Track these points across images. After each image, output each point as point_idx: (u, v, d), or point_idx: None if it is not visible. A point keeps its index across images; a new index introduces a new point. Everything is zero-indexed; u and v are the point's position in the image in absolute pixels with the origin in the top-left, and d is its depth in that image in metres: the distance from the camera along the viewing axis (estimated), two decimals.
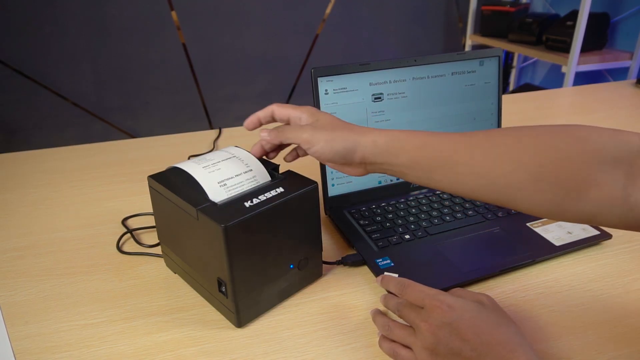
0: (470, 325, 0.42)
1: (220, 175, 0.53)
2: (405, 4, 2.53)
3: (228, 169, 0.55)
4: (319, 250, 0.59)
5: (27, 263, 0.66)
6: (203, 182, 0.52)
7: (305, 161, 0.82)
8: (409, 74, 0.72)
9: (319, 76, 0.68)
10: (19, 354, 0.50)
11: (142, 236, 0.71)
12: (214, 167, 0.54)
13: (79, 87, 2.20)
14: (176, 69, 2.28)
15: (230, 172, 0.54)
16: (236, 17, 2.27)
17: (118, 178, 0.90)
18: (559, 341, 0.50)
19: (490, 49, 0.78)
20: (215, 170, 0.54)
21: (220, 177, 0.53)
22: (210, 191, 0.52)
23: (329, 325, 0.53)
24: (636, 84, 1.41)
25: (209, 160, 0.56)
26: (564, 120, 1.17)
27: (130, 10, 2.12)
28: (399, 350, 0.46)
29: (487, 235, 0.65)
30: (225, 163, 0.55)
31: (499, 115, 0.80)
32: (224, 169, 0.54)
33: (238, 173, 0.55)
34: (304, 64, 2.47)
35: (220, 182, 0.53)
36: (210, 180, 0.53)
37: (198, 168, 0.54)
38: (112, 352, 0.50)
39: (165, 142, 1.07)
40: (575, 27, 1.90)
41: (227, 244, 0.47)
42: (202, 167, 0.54)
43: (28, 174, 0.93)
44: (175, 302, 0.57)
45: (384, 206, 0.72)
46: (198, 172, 0.53)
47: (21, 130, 2.20)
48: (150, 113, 2.33)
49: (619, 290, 0.57)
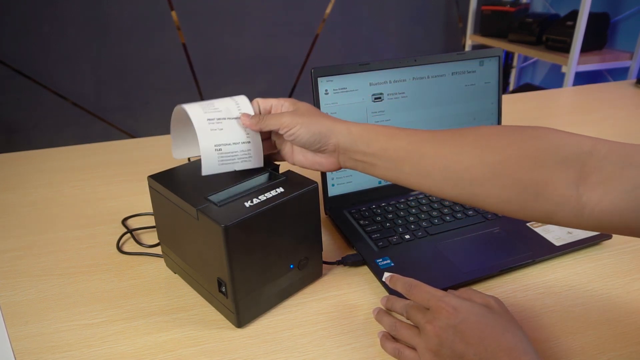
0: (475, 329, 0.41)
1: (220, 137, 0.52)
2: (405, 4, 2.53)
3: (230, 131, 0.53)
4: (319, 250, 0.59)
5: (27, 263, 0.66)
6: (201, 137, 0.51)
7: None
8: (409, 74, 0.72)
9: (319, 76, 0.68)
10: (19, 354, 0.50)
11: (142, 236, 0.71)
12: (217, 125, 0.52)
13: (79, 87, 2.20)
14: (176, 69, 2.28)
15: (230, 137, 0.53)
16: (236, 17, 2.27)
17: (118, 178, 0.90)
18: (559, 341, 0.50)
19: (490, 49, 0.78)
20: (217, 130, 0.52)
21: (218, 140, 0.52)
22: (205, 151, 0.51)
23: (329, 325, 0.53)
24: (636, 84, 1.41)
25: (215, 110, 0.53)
26: (564, 120, 1.17)
27: (130, 10, 2.11)
28: (403, 350, 0.46)
29: (487, 235, 0.65)
30: (229, 123, 0.54)
31: (499, 115, 0.80)
32: (226, 129, 0.53)
33: (236, 141, 0.53)
34: (304, 64, 2.47)
35: (217, 146, 0.52)
36: (209, 139, 0.51)
37: (202, 118, 0.52)
38: (112, 352, 0.50)
39: (165, 142, 1.07)
40: (575, 27, 1.89)
41: (227, 244, 0.47)
42: (207, 119, 0.52)
43: (28, 174, 0.93)
44: (175, 302, 0.57)
45: (384, 206, 0.72)
46: (200, 123, 0.51)
47: (21, 130, 2.20)
48: (150, 113, 2.33)
49: (619, 290, 0.57)
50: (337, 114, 0.69)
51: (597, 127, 1.09)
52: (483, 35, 2.45)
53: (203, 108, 0.53)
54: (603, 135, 1.01)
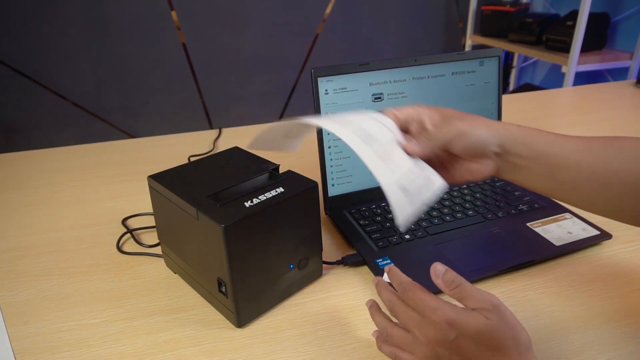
0: (472, 346, 0.39)
1: (395, 172, 0.43)
2: (405, 4, 2.53)
3: (399, 160, 0.44)
4: (319, 250, 0.59)
5: (27, 263, 0.66)
6: (383, 180, 0.42)
7: (306, 161, 0.82)
8: (409, 74, 0.72)
9: (319, 76, 0.68)
10: (19, 354, 0.50)
11: (142, 236, 0.71)
12: (386, 156, 0.43)
13: (79, 87, 2.20)
14: (176, 69, 2.28)
15: (403, 166, 0.44)
16: (236, 17, 2.27)
17: (118, 178, 0.90)
18: (559, 341, 0.50)
19: (490, 49, 0.78)
20: (389, 162, 0.43)
21: (397, 175, 0.43)
22: (393, 194, 0.42)
23: (329, 325, 0.53)
24: (636, 84, 1.41)
25: (373, 139, 0.44)
26: (564, 120, 1.17)
27: (130, 10, 2.11)
28: (400, 354, 0.44)
29: (487, 235, 0.65)
30: (392, 150, 0.45)
31: (499, 116, 0.80)
32: (396, 159, 0.44)
33: (411, 170, 0.44)
34: (304, 64, 2.47)
35: (399, 183, 0.43)
36: (389, 178, 0.42)
37: (370, 154, 0.42)
38: (112, 352, 0.50)
39: (165, 142, 1.07)
40: (575, 27, 1.89)
41: (227, 244, 0.47)
42: (373, 151, 0.43)
43: (28, 174, 0.93)
44: (175, 302, 0.57)
45: (384, 206, 0.72)
46: (372, 160, 0.42)
47: (21, 130, 2.20)
48: (150, 113, 2.33)
49: (619, 290, 0.57)
50: (337, 114, 0.69)
51: (597, 127, 1.09)
52: (483, 35, 2.45)
53: (362, 139, 0.44)
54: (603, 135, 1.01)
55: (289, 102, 2.53)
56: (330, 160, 0.71)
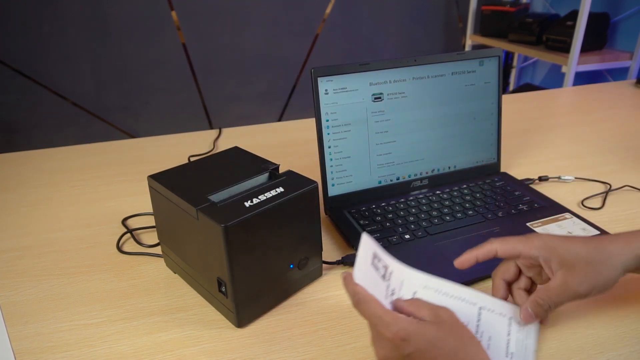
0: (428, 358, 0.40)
1: (510, 342, 0.47)
2: (405, 4, 2.53)
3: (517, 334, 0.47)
4: (319, 250, 0.59)
5: (27, 263, 0.66)
6: None
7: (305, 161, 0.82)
8: (409, 74, 0.72)
9: (319, 76, 0.68)
10: (19, 354, 0.50)
11: (142, 236, 0.71)
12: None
13: (79, 87, 2.20)
14: (176, 69, 2.28)
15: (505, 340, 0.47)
16: (236, 17, 2.27)
17: (118, 178, 0.90)
18: (558, 341, 0.50)
19: (490, 49, 0.78)
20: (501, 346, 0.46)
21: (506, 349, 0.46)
22: None
23: (329, 325, 0.53)
24: (636, 84, 1.41)
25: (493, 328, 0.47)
26: (564, 120, 1.17)
27: (130, 10, 2.12)
28: None
29: (487, 235, 0.65)
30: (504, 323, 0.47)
31: (499, 115, 0.80)
32: (514, 337, 0.47)
33: (518, 337, 0.48)
34: (304, 64, 2.47)
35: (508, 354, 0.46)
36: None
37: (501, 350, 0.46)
38: (112, 352, 0.50)
39: (165, 142, 1.07)
40: (575, 27, 1.89)
41: (227, 244, 0.47)
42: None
43: (28, 174, 0.93)
44: (175, 302, 0.57)
45: (384, 206, 0.72)
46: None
47: (21, 130, 2.20)
48: (150, 113, 2.33)
49: (619, 290, 0.57)
50: (337, 113, 0.69)
51: (597, 127, 1.09)
52: (483, 35, 2.45)
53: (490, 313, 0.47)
54: (603, 135, 1.01)
55: (289, 102, 2.53)
56: (330, 160, 0.71)
